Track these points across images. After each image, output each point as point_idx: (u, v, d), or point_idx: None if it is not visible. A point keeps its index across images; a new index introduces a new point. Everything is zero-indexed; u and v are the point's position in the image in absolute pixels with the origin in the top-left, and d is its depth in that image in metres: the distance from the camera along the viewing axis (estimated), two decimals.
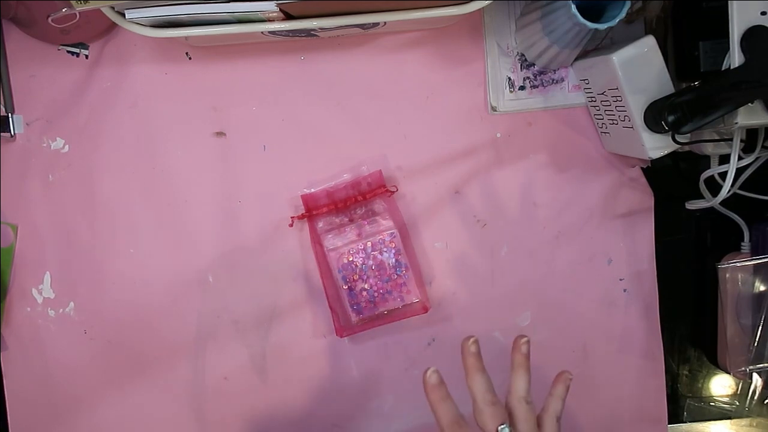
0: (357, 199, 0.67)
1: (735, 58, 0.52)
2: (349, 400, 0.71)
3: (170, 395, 0.70)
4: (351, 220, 0.68)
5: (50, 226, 0.68)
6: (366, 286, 0.68)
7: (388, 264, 0.68)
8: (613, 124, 0.63)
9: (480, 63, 0.68)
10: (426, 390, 0.50)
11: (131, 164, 0.67)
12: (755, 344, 0.66)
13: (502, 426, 0.47)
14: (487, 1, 0.55)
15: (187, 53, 0.67)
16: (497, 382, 0.48)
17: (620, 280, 0.71)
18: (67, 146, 0.67)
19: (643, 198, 0.70)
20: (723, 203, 0.64)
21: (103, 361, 0.69)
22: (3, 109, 0.66)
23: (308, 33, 0.60)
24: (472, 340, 0.51)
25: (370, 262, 0.68)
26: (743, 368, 0.67)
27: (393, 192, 0.68)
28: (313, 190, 0.68)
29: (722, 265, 0.68)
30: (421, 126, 0.68)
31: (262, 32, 0.57)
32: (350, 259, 0.68)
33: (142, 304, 0.69)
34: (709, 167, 0.65)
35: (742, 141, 0.60)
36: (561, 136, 0.69)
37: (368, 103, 0.68)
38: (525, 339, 0.51)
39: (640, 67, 0.57)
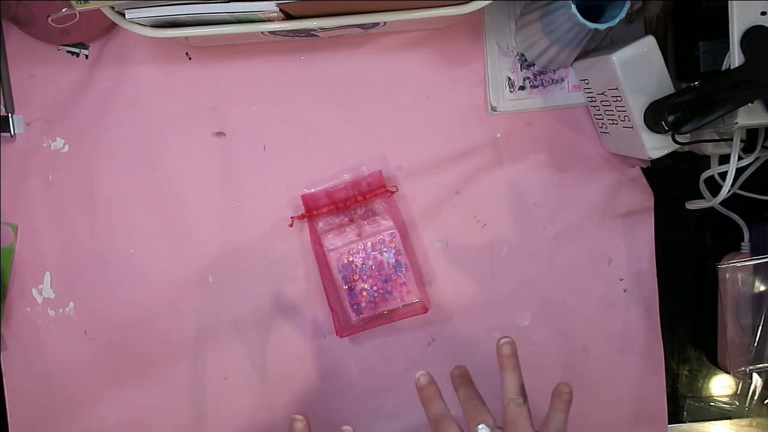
0: (357, 199, 0.67)
1: (735, 58, 0.52)
2: (349, 400, 0.71)
3: (170, 395, 0.70)
4: (351, 220, 0.68)
5: (50, 226, 0.68)
6: (366, 286, 0.68)
7: (388, 264, 0.68)
8: (613, 124, 0.63)
9: (480, 63, 0.68)
10: (417, 390, 0.54)
11: (131, 164, 0.67)
12: (755, 344, 0.66)
13: (481, 426, 0.49)
14: (487, 1, 0.55)
15: (187, 53, 0.67)
16: (494, 383, 0.49)
17: (620, 280, 0.71)
18: (67, 146, 0.67)
19: (643, 198, 0.70)
20: (723, 203, 0.64)
21: (103, 361, 0.69)
22: (3, 109, 0.66)
23: (308, 33, 0.60)
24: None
25: (370, 262, 0.68)
26: (743, 368, 0.67)
27: (393, 192, 0.68)
28: (313, 190, 0.68)
29: (722, 265, 0.68)
30: (421, 126, 0.68)
31: (262, 32, 0.57)
32: (350, 259, 0.68)
33: (142, 304, 0.69)
34: (709, 167, 0.65)
35: (742, 141, 0.60)
36: (561, 136, 0.69)
37: (368, 103, 0.68)
38: (504, 340, 0.52)
39: (640, 67, 0.57)
